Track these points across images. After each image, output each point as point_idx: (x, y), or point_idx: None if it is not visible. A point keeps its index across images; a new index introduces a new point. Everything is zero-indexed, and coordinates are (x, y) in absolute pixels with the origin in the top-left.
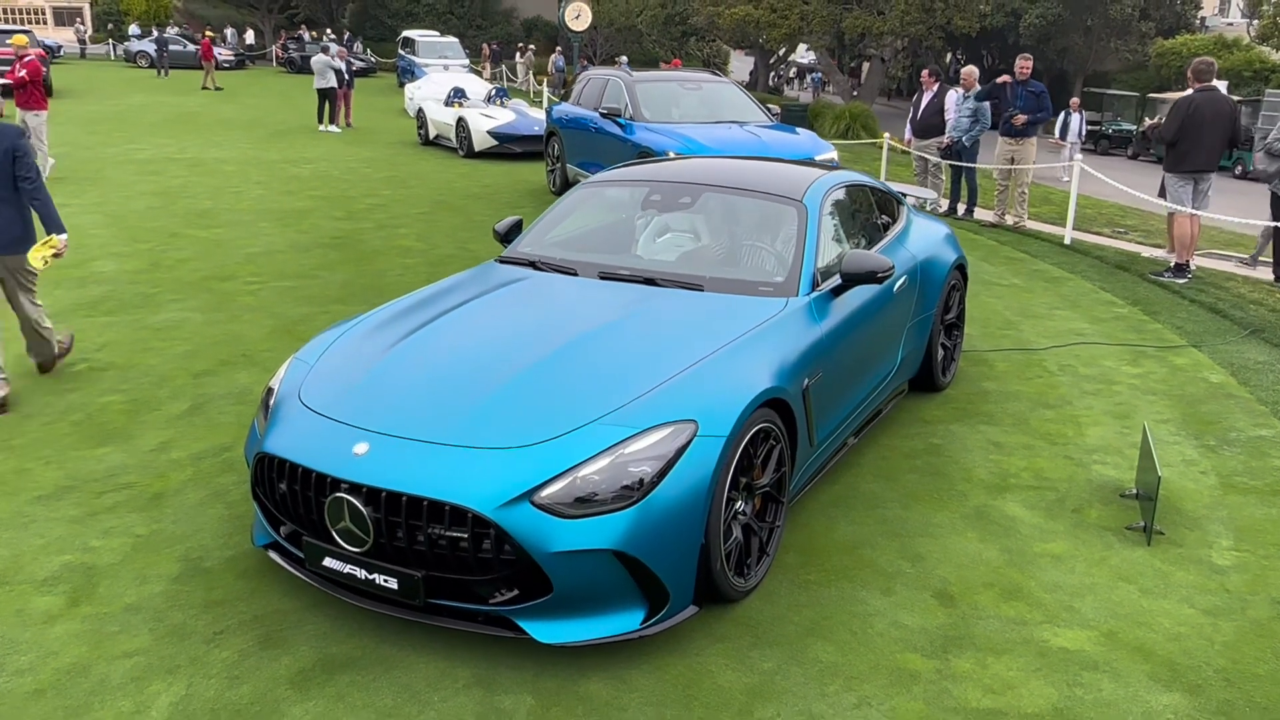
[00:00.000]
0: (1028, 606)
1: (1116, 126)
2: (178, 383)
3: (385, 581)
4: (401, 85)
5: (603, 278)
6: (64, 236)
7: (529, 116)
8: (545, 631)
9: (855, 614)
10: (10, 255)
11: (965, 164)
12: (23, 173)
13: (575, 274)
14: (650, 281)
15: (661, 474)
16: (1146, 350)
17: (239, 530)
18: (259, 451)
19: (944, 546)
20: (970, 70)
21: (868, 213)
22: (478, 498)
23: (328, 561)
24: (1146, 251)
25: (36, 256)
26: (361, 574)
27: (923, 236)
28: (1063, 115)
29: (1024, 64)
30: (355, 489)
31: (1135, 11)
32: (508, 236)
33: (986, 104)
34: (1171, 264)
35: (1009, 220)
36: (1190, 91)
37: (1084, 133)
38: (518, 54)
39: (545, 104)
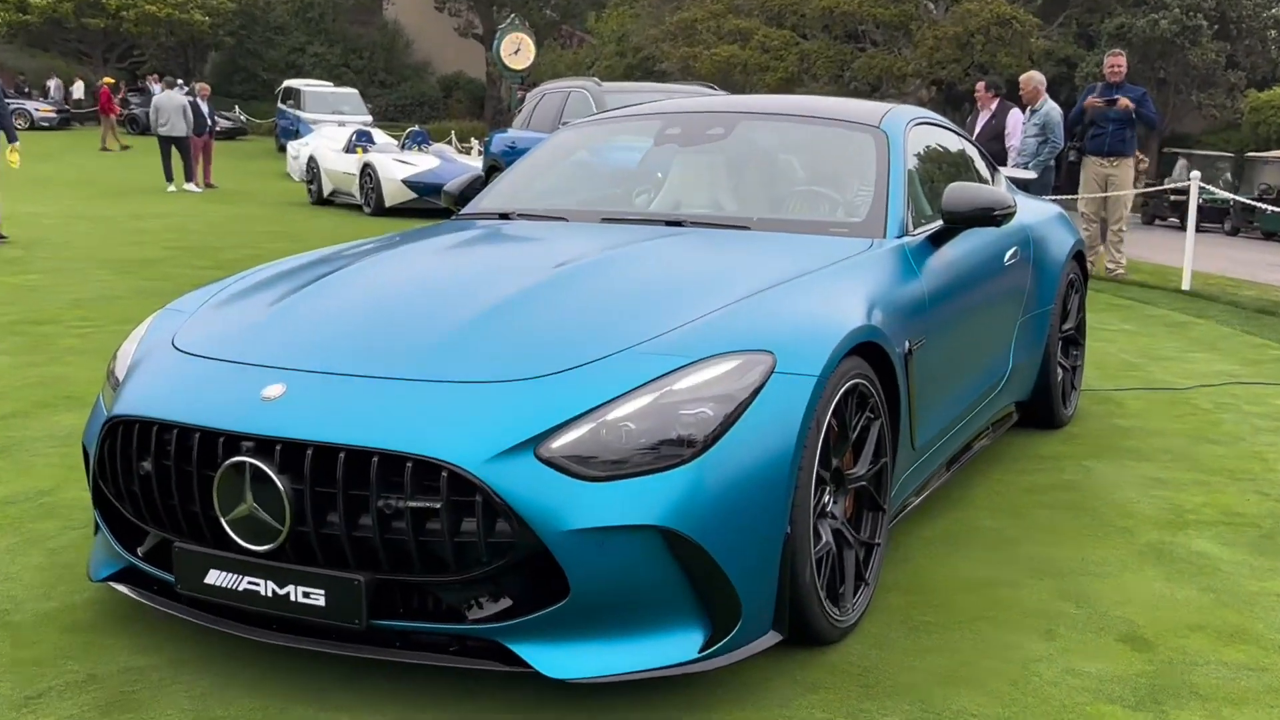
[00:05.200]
0: (1262, 651)
1: (1208, 196)
2: None
3: (306, 596)
4: (282, 149)
5: (606, 222)
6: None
7: (456, 163)
8: (555, 662)
9: (1008, 660)
10: None
11: (1037, 200)
12: None
13: (566, 220)
14: (678, 224)
15: (728, 421)
16: None
17: (66, 580)
18: (108, 419)
19: (1118, 586)
20: (1031, 77)
21: (960, 163)
22: (456, 447)
23: (213, 577)
24: None
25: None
26: (268, 588)
27: (1031, 209)
28: None
29: (1114, 61)
30: (265, 447)
31: (1220, 59)
32: (464, 197)
33: (1057, 113)
34: None
35: (1106, 267)
36: None
37: None
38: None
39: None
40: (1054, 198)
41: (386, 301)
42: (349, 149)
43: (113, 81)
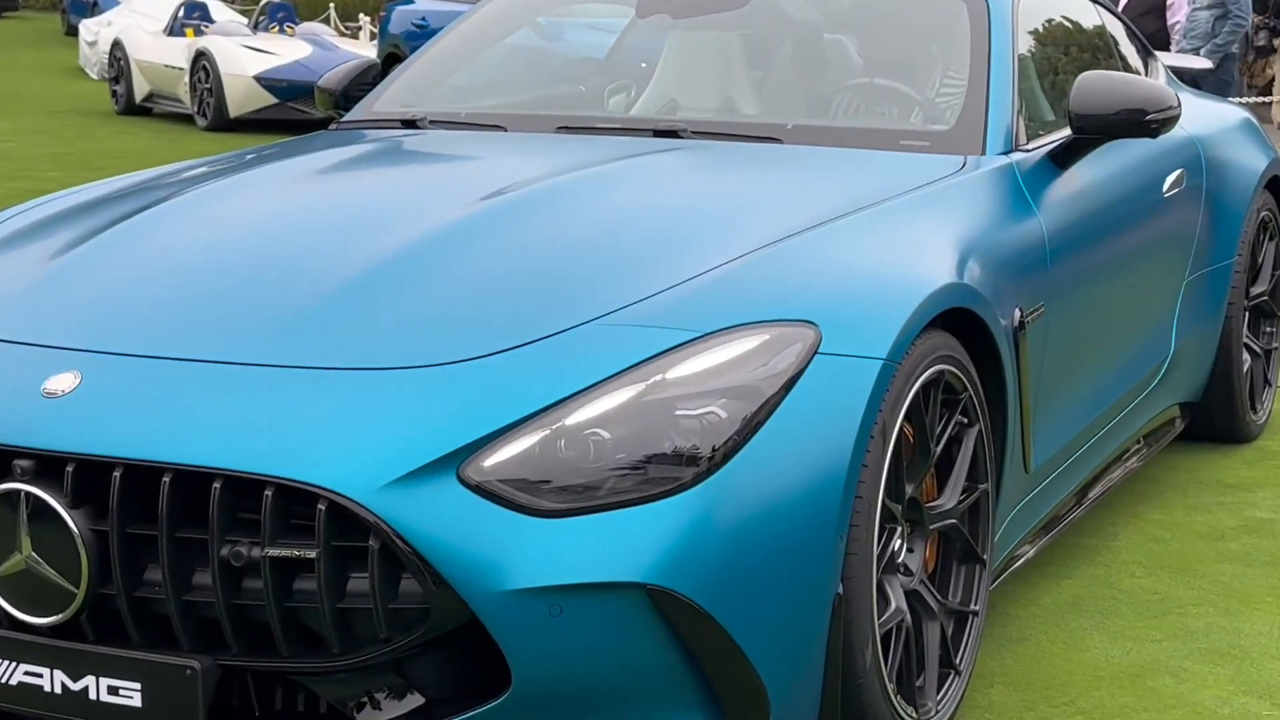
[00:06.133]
0: None
1: None
2: None
3: (114, 693)
4: (73, 32)
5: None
6: None
7: (337, 51)
8: None
9: None
10: None
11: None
12: None
13: (504, 130)
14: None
15: (749, 427)
16: None
17: None
18: None
19: None
20: None
21: (1097, 45)
22: (339, 466)
23: None
24: None
25: None
26: (55, 681)
27: (1203, 114)
28: None
29: None
30: (50, 468)
31: None
32: (349, 96)
33: None
34: None
35: None
36: None
37: None
38: None
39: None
40: (1239, 100)
41: (231, 251)
42: (173, 30)
43: None
